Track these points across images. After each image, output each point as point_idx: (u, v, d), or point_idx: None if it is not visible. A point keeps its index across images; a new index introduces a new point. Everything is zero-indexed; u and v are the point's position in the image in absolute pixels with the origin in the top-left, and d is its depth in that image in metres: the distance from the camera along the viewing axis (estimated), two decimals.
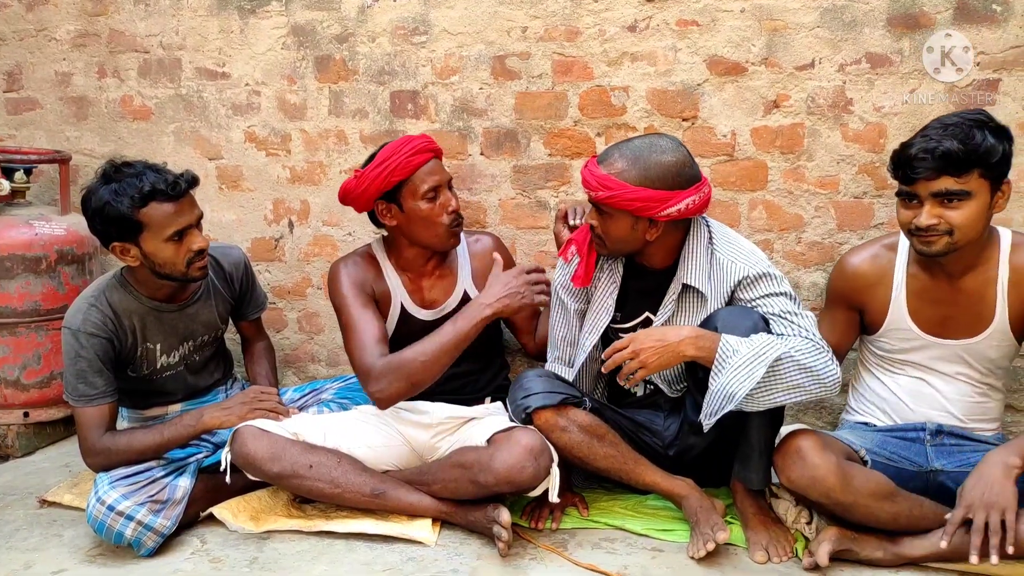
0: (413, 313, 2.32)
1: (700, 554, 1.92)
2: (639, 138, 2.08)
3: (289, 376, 2.98)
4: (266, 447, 2.05)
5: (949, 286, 1.98)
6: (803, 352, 1.85)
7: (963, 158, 1.81)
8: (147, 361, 2.20)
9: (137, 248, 2.05)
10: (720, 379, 1.84)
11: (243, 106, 2.85)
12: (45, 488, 2.35)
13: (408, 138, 2.27)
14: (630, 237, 2.04)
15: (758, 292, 2.01)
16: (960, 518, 1.81)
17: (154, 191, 2.00)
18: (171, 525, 1.99)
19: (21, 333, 2.56)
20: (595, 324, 2.19)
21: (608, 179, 1.97)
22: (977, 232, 1.88)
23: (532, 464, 1.93)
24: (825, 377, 1.86)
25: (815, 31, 2.47)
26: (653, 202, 1.95)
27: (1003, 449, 1.86)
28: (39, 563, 1.96)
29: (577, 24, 2.59)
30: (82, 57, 2.93)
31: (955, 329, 2.00)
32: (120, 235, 2.03)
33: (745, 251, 2.09)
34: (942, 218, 1.85)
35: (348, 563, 1.94)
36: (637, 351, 1.90)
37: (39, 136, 3.00)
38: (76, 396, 2.08)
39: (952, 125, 1.85)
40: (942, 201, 1.85)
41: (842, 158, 2.52)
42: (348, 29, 2.74)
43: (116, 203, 1.99)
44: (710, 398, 1.85)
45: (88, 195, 2.05)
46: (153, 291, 2.16)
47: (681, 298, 2.10)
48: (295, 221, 2.89)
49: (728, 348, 1.85)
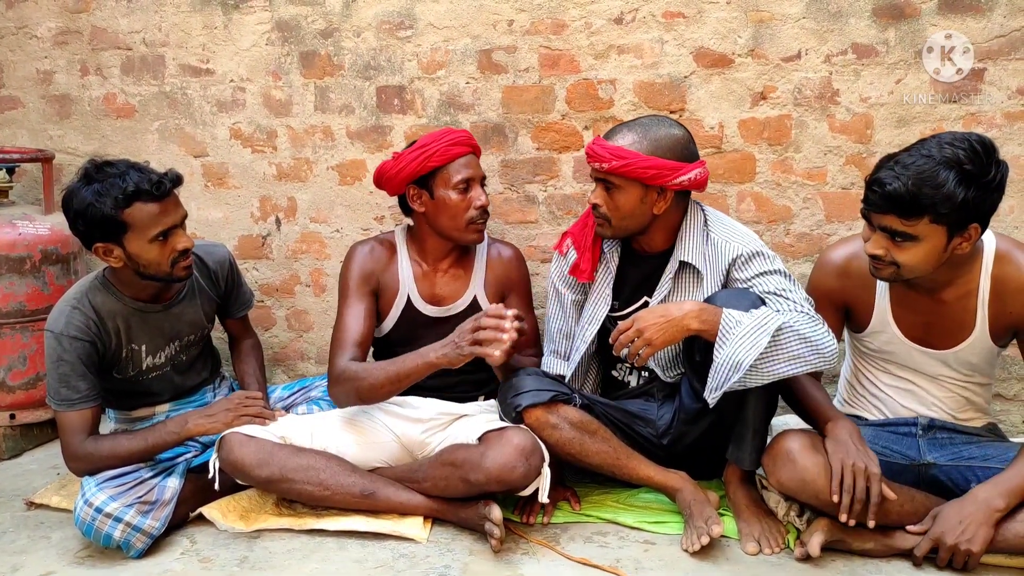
0: (419, 307, 2.31)
1: (695, 547, 1.92)
2: (643, 116, 2.14)
3: (278, 374, 2.97)
4: (253, 453, 2.04)
5: (929, 298, 1.95)
6: (801, 323, 1.85)
7: (909, 202, 1.71)
8: (132, 363, 2.17)
9: (121, 249, 2.02)
10: (725, 349, 1.83)
11: (228, 103, 2.83)
12: (32, 490, 2.33)
13: (450, 129, 2.31)
14: (638, 210, 2.06)
15: (752, 271, 2.03)
16: (927, 549, 1.83)
17: (138, 191, 1.96)
18: (160, 526, 1.97)
19: (6, 334, 2.54)
20: (594, 314, 2.21)
21: (621, 149, 2.01)
22: (926, 270, 1.81)
23: (523, 464, 1.93)
24: (823, 348, 1.85)
25: (801, 22, 2.47)
26: (666, 170, 2.00)
27: (992, 486, 1.83)
28: (27, 566, 1.94)
29: (563, 17, 2.59)
30: (64, 55, 2.90)
31: (937, 338, 1.98)
32: (103, 236, 2.00)
33: (739, 232, 2.13)
34: (888, 252, 1.80)
35: (339, 561, 1.93)
36: (642, 329, 1.90)
37: (21, 135, 2.97)
38: (59, 400, 2.05)
39: (924, 158, 1.72)
40: (890, 236, 1.78)
41: (829, 149, 2.52)
42: (333, 24, 2.72)
43: (99, 204, 1.95)
44: (715, 370, 1.85)
45: (70, 196, 2.00)
46: (137, 292, 2.14)
47: (677, 276, 2.13)
48: (282, 218, 2.87)
49: (731, 319, 1.85)
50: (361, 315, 2.24)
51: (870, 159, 2.50)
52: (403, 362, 2.06)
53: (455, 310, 2.32)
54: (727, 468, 2.07)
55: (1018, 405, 2.55)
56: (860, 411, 2.15)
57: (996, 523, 1.79)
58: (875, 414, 2.13)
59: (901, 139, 2.47)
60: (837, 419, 1.94)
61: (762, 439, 1.99)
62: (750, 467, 2.02)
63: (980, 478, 1.90)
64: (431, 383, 2.21)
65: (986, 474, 1.90)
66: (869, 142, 2.50)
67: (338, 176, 2.81)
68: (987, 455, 1.96)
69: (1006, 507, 1.79)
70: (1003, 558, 1.84)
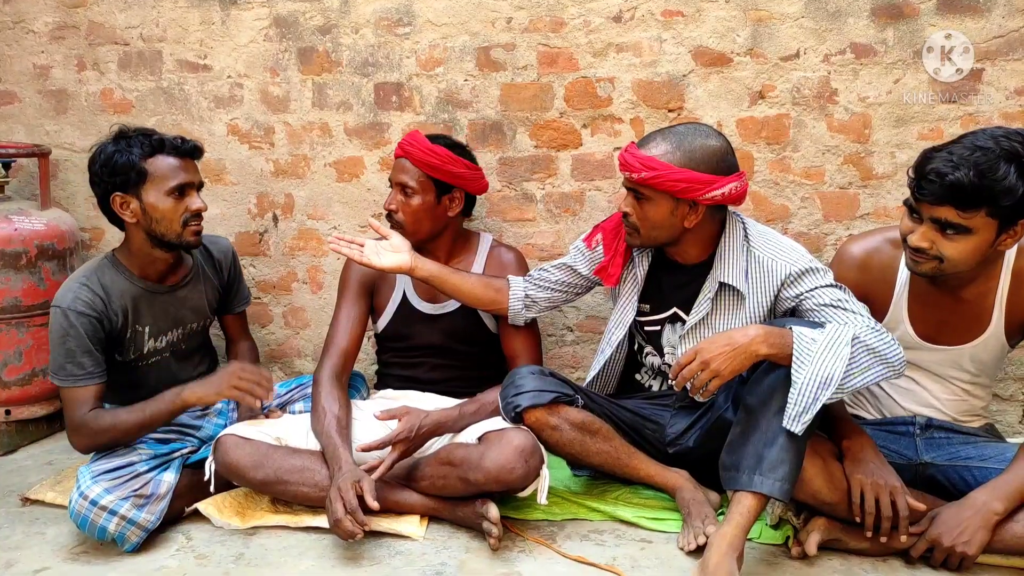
0: (414, 304, 2.34)
1: (691, 547, 1.91)
2: (681, 124, 2.04)
3: (275, 371, 2.96)
4: (248, 455, 2.04)
5: (951, 294, 1.93)
6: (868, 335, 1.79)
7: (971, 193, 1.67)
8: (135, 344, 2.18)
9: (138, 201, 2.07)
10: (806, 369, 1.72)
11: (225, 99, 2.82)
12: (27, 486, 2.32)
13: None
14: (668, 223, 1.99)
15: (805, 287, 1.96)
16: (923, 549, 1.83)
17: (163, 143, 2.09)
18: (155, 520, 1.97)
19: (1, 330, 2.53)
20: (621, 319, 2.17)
21: (652, 160, 1.93)
22: (969, 265, 1.80)
23: (522, 465, 1.92)
24: (892, 358, 1.79)
25: (800, 21, 2.47)
26: (698, 184, 1.91)
27: (991, 489, 1.82)
28: (21, 561, 1.93)
29: (562, 15, 2.58)
30: (61, 50, 2.89)
31: (950, 335, 1.97)
32: (123, 185, 2.07)
33: (785, 248, 2.03)
34: (935, 245, 1.77)
35: (334, 558, 1.93)
36: (707, 361, 1.76)
37: (18, 130, 2.96)
38: (64, 376, 2.06)
39: (981, 149, 1.68)
40: (941, 228, 1.75)
41: (827, 149, 2.52)
42: (331, 20, 2.71)
43: (124, 154, 2.05)
44: (799, 393, 1.72)
45: (98, 150, 2.10)
46: (146, 269, 2.17)
47: (717, 297, 2.06)
48: (279, 215, 2.87)
49: (805, 337, 1.75)
50: (350, 322, 2.32)
51: (868, 159, 2.50)
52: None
53: (448, 308, 2.32)
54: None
55: (1015, 405, 2.55)
56: (858, 410, 2.15)
57: (994, 526, 1.79)
58: (873, 413, 2.13)
59: (899, 139, 2.47)
60: (853, 435, 1.93)
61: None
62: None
63: (977, 478, 1.90)
64: (429, 376, 2.21)
65: (983, 474, 1.90)
66: (867, 142, 2.50)
67: (335, 173, 2.80)
68: (984, 455, 1.96)
69: (1004, 511, 1.79)
70: (999, 558, 1.84)
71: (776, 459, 1.74)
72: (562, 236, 2.71)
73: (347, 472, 1.97)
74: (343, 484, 1.92)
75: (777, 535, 1.97)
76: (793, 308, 1.99)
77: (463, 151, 2.33)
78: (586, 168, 2.66)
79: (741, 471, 1.77)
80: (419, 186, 2.25)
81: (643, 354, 2.24)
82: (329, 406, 2.14)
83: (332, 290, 2.77)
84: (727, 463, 1.81)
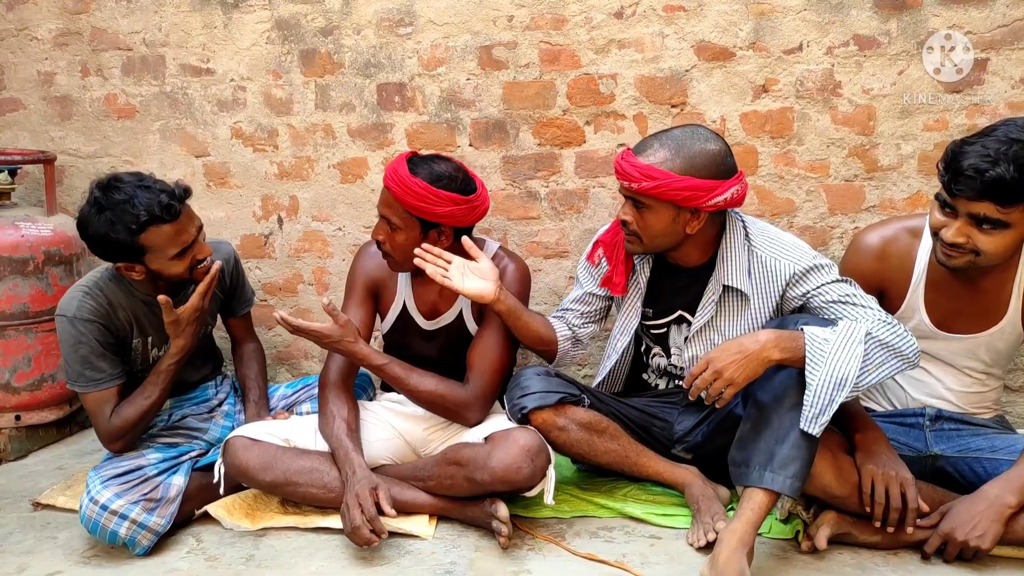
0: (413, 316, 2.28)
1: (700, 543, 1.91)
2: (676, 128, 1.97)
3: (282, 372, 2.97)
4: (257, 457, 2.04)
5: (968, 283, 1.92)
6: (880, 329, 1.78)
7: (1013, 188, 1.65)
8: (140, 355, 2.19)
9: (143, 266, 2.04)
10: (822, 369, 1.72)
11: (229, 102, 2.83)
12: (38, 491, 2.33)
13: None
14: (670, 231, 1.95)
15: (811, 284, 1.94)
16: (936, 545, 1.82)
17: (151, 218, 1.95)
18: (166, 524, 1.97)
19: (10, 336, 2.54)
20: (625, 325, 2.16)
21: (652, 169, 1.87)
22: (1004, 258, 1.80)
23: (529, 465, 1.92)
24: (906, 350, 1.78)
25: (802, 14, 2.46)
26: (701, 191, 1.86)
27: (1004, 482, 1.81)
28: (33, 566, 1.94)
29: (563, 12, 2.58)
30: (64, 56, 2.90)
31: (966, 324, 1.96)
32: (124, 258, 2.02)
33: (787, 245, 2.00)
34: (971, 239, 1.76)
35: (345, 558, 1.93)
36: (720, 369, 1.75)
37: (23, 137, 2.97)
38: (85, 383, 2.06)
39: (1018, 142, 1.66)
40: (977, 223, 1.73)
41: (832, 141, 2.52)
42: (332, 22, 2.72)
43: (114, 234, 1.95)
44: (814, 395, 1.71)
45: (84, 223, 1.99)
46: (149, 289, 2.15)
47: (722, 300, 2.04)
48: (284, 217, 2.87)
49: (817, 338, 1.74)
50: (357, 323, 2.22)
51: (873, 151, 2.49)
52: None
53: (445, 321, 2.27)
54: None
55: None
56: (868, 402, 2.14)
57: (1007, 519, 1.78)
58: (883, 404, 2.12)
59: (904, 130, 2.46)
60: (866, 429, 1.92)
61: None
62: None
63: (988, 469, 1.89)
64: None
65: (994, 465, 1.89)
66: (872, 134, 2.49)
67: (339, 174, 2.80)
68: (995, 447, 1.95)
69: (1017, 504, 1.78)
70: (1011, 550, 1.83)
71: (788, 456, 1.73)
72: (567, 234, 2.71)
73: (362, 478, 1.96)
74: (360, 491, 1.92)
75: (787, 529, 1.97)
76: (801, 306, 1.98)
77: (450, 182, 2.05)
78: (590, 165, 2.65)
79: (752, 467, 1.76)
80: (402, 223, 2.07)
81: (650, 355, 2.23)
82: (337, 409, 2.13)
83: (338, 291, 2.78)
84: (737, 459, 1.81)
